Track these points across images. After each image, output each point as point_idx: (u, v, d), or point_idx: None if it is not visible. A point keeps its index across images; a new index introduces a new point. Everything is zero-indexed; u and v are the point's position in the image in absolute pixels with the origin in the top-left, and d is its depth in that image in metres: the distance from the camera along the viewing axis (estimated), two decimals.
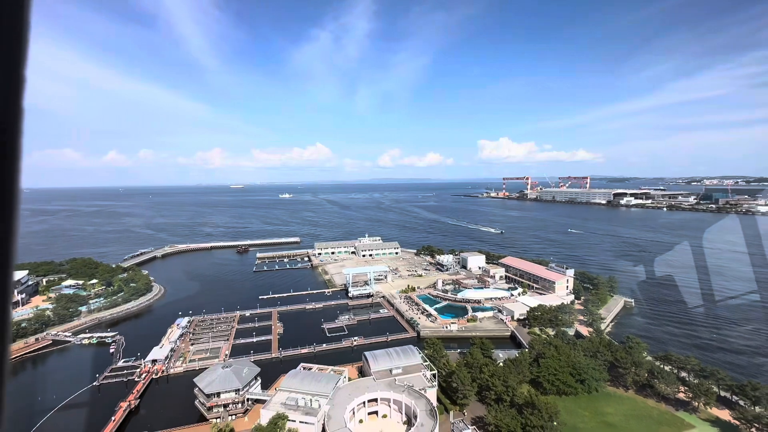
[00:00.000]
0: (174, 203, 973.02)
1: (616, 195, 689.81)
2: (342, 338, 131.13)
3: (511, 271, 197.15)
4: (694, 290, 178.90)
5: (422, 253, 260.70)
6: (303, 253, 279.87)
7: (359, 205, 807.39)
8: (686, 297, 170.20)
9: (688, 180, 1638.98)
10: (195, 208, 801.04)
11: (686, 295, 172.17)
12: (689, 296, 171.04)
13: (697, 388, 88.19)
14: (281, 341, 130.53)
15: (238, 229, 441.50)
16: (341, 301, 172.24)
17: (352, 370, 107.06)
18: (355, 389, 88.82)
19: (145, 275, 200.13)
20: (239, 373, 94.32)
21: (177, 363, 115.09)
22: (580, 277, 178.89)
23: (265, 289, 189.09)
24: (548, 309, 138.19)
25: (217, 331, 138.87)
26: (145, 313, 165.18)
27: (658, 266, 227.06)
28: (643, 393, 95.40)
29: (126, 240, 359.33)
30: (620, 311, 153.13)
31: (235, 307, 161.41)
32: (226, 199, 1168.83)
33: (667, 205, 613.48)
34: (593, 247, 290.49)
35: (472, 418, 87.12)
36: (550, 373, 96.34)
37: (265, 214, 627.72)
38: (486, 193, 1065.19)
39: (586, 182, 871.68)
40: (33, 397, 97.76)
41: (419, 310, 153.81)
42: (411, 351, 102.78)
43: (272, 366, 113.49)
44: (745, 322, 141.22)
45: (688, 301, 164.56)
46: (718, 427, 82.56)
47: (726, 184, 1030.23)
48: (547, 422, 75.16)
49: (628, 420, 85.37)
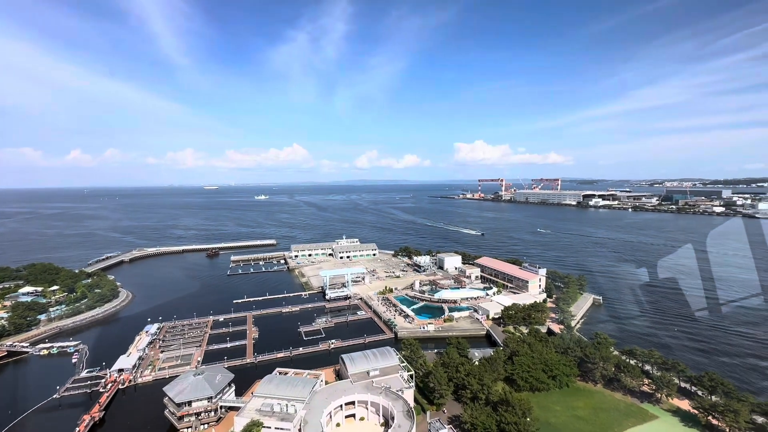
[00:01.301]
0: (143, 205, 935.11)
1: (586, 196, 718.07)
2: (319, 341, 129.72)
3: (487, 271, 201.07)
4: (657, 287, 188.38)
5: (400, 255, 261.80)
6: (279, 255, 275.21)
7: (337, 207, 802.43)
8: (649, 293, 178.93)
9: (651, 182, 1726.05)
10: (166, 210, 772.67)
11: (649, 292, 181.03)
12: (652, 292, 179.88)
13: (659, 380, 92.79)
14: (256, 346, 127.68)
15: (212, 231, 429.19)
16: (318, 303, 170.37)
17: (330, 373, 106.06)
18: (332, 392, 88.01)
19: (111, 280, 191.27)
20: (212, 380, 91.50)
21: (145, 372, 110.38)
22: (552, 276, 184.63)
23: (239, 292, 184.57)
24: (522, 308, 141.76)
25: (189, 338, 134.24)
26: (111, 321, 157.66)
27: (624, 264, 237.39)
28: (611, 387, 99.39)
29: (90, 244, 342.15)
30: (589, 308, 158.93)
31: (208, 312, 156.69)
32: (199, 200, 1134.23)
33: (632, 206, 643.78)
34: (565, 247, 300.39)
35: (449, 418, 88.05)
36: (524, 371, 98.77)
37: (240, 216, 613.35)
38: (462, 194, 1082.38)
39: (558, 184, 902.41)
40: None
41: (397, 311, 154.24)
42: (388, 352, 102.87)
43: (247, 372, 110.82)
44: (703, 316, 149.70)
45: (651, 297, 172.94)
46: (679, 417, 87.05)
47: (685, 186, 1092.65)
48: (520, 418, 76.93)
49: (596, 413, 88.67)
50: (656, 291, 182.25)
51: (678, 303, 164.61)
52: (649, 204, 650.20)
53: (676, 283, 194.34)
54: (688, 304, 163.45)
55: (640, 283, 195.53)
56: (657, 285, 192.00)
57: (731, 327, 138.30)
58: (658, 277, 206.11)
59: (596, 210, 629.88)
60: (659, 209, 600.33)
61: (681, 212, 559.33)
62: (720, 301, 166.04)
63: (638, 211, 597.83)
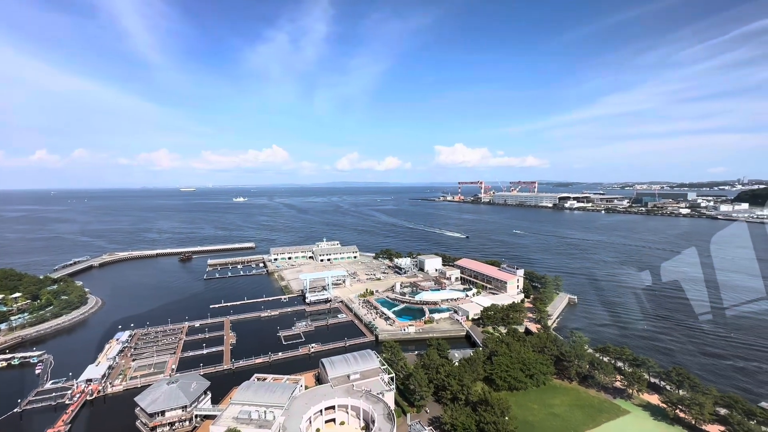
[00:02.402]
0: (114, 207, 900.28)
1: (561, 198, 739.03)
2: (299, 345, 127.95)
3: (466, 272, 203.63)
4: (628, 286, 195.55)
5: (381, 257, 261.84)
6: (258, 258, 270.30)
7: (317, 209, 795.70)
8: (621, 292, 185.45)
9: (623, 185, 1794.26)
10: (139, 212, 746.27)
11: (621, 291, 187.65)
12: (624, 291, 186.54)
13: (631, 376, 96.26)
14: (234, 352, 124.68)
15: (188, 234, 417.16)
16: (298, 307, 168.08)
17: (309, 378, 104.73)
18: (311, 397, 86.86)
19: (78, 286, 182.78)
20: (186, 389, 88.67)
21: (116, 381, 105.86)
22: (530, 277, 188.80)
23: (216, 297, 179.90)
24: (500, 308, 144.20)
25: (163, 345, 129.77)
26: (79, 329, 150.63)
27: (598, 265, 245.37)
28: (585, 384, 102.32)
29: (57, 248, 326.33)
30: (565, 308, 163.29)
31: (183, 317, 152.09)
32: (175, 202, 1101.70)
33: (605, 208, 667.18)
34: (541, 248, 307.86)
35: (429, 419, 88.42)
36: (502, 370, 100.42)
37: (217, 219, 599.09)
38: (443, 196, 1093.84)
39: (535, 187, 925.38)
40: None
41: (377, 314, 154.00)
42: (369, 355, 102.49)
43: (224, 378, 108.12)
44: (670, 313, 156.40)
45: (623, 296, 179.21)
46: (649, 411, 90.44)
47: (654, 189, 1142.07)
48: (499, 417, 78.06)
49: (572, 410, 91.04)
50: (628, 290, 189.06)
51: (648, 301, 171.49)
52: (621, 206, 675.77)
53: (646, 282, 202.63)
54: (656, 302, 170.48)
55: (612, 283, 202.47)
56: (628, 284, 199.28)
57: (696, 323, 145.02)
58: (630, 277, 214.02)
59: (571, 212, 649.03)
60: (630, 211, 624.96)
61: (650, 214, 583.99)
62: (686, 298, 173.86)
63: (611, 213, 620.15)
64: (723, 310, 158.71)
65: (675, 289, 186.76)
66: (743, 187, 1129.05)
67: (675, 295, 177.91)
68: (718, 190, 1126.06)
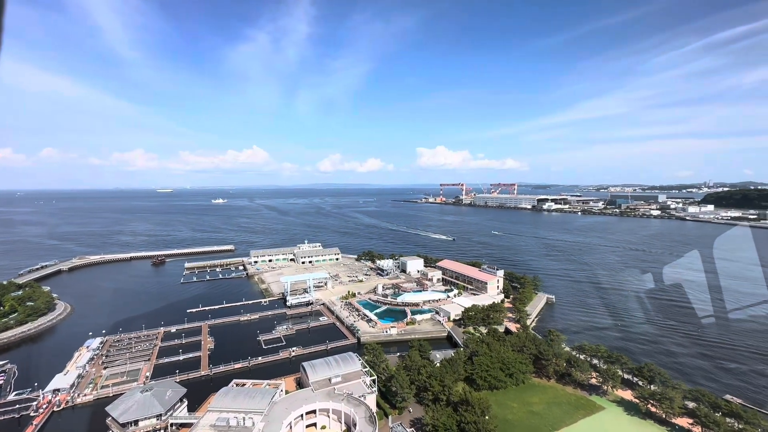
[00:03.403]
0: (85, 209, 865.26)
1: (540, 200, 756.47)
2: (279, 349, 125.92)
3: (448, 273, 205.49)
4: (603, 285, 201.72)
5: (363, 259, 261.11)
6: (237, 261, 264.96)
7: (299, 211, 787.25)
8: (597, 291, 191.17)
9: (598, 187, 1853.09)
10: (112, 214, 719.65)
11: (597, 290, 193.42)
12: (599, 290, 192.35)
13: (605, 373, 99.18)
14: (212, 357, 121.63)
15: (164, 237, 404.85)
16: (279, 310, 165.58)
17: (290, 382, 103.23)
18: (292, 402, 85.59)
19: (45, 292, 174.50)
20: (161, 397, 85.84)
21: (86, 391, 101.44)
22: (509, 277, 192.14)
23: (194, 301, 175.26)
24: (481, 308, 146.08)
25: (136, 351, 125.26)
26: (47, 336, 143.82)
27: (574, 265, 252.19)
28: (563, 381, 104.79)
29: (22, 252, 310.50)
30: (543, 307, 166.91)
31: (159, 323, 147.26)
32: (151, 204, 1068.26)
33: (581, 209, 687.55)
34: (521, 249, 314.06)
35: (411, 421, 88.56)
36: (483, 370, 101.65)
37: (195, 221, 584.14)
38: (425, 198, 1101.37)
39: (515, 189, 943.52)
40: None
41: (360, 316, 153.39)
42: (351, 358, 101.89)
43: (201, 385, 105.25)
44: (643, 311, 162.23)
45: (598, 295, 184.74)
46: (623, 407, 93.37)
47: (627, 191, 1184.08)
48: (479, 417, 78.92)
49: (550, 407, 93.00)
50: (603, 289, 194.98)
51: (622, 300, 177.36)
52: (596, 208, 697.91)
53: (620, 281, 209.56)
54: (630, 301, 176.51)
55: (588, 282, 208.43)
56: (604, 284, 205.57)
57: (667, 321, 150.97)
58: (605, 276, 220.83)
59: (549, 213, 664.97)
60: (605, 213, 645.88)
61: (623, 215, 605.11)
62: (658, 297, 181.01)
63: (587, 214, 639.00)
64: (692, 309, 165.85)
65: (648, 289, 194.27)
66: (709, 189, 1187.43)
67: (648, 294, 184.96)
68: (686, 193, 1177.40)
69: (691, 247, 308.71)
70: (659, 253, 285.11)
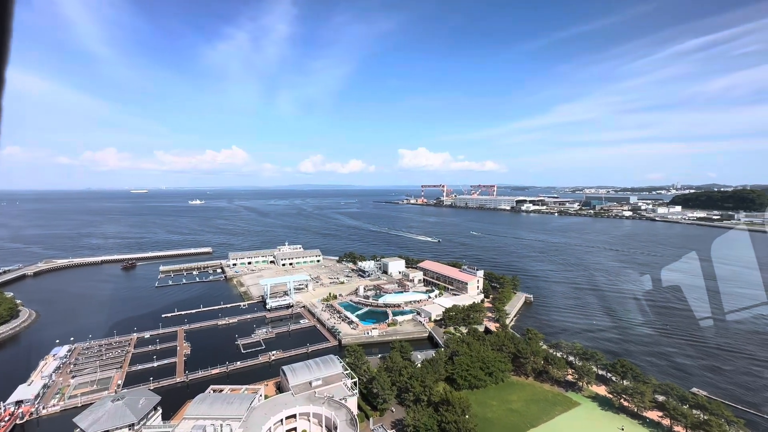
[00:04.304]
0: (52, 211, 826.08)
1: (518, 202, 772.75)
2: (258, 353, 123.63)
3: (429, 274, 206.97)
4: (579, 284, 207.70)
5: (344, 260, 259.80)
6: (215, 264, 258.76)
7: (279, 212, 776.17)
8: (573, 290, 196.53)
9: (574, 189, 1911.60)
10: (81, 216, 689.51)
11: (573, 288, 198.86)
12: (575, 289, 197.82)
13: (581, 369, 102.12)
14: (188, 363, 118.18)
15: (138, 239, 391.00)
16: (258, 314, 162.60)
17: (270, 387, 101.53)
18: (272, 407, 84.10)
19: (8, 298, 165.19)
20: (134, 405, 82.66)
21: (52, 402, 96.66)
22: (489, 278, 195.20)
23: (169, 306, 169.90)
24: (461, 309, 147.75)
25: (108, 359, 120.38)
26: (9, 345, 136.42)
27: (551, 265, 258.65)
28: (540, 379, 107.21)
29: None
30: (522, 306, 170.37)
31: (132, 328, 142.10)
32: (124, 205, 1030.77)
33: (558, 210, 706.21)
34: (500, 250, 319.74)
35: (392, 422, 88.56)
36: (463, 369, 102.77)
37: (171, 223, 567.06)
38: (406, 199, 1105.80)
39: (494, 190, 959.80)
40: None
41: (341, 318, 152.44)
42: (331, 361, 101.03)
43: (177, 392, 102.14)
44: (616, 308, 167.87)
45: (574, 294, 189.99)
46: (597, 402, 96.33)
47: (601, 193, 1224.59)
48: (460, 416, 79.72)
49: (528, 405, 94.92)
50: (579, 288, 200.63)
51: (596, 298, 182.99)
52: (572, 209, 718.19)
53: (595, 280, 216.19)
54: (604, 299, 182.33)
55: (565, 281, 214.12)
56: (579, 283, 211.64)
57: (638, 318, 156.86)
58: (581, 276, 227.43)
59: (528, 214, 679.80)
60: (580, 214, 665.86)
61: (598, 216, 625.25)
62: (630, 296, 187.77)
63: (563, 215, 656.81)
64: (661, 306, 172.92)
65: (622, 287, 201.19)
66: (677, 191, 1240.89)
67: (620, 293, 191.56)
68: (656, 194, 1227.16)
69: (661, 247, 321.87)
70: (632, 253, 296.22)
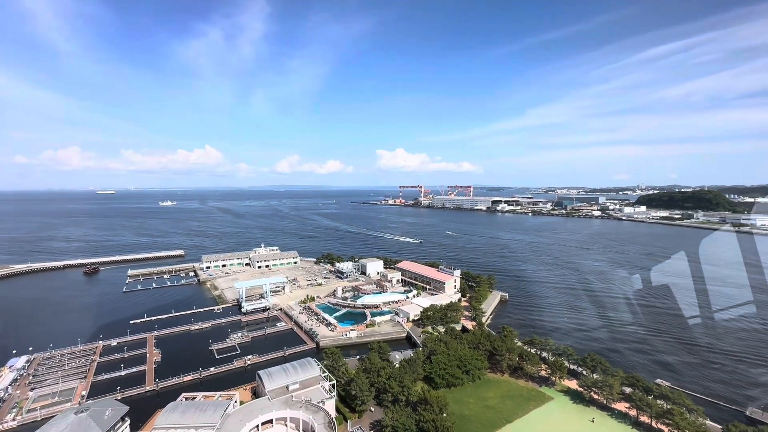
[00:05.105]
0: (9, 213, 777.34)
1: (494, 202, 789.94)
2: (234, 358, 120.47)
3: (407, 274, 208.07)
4: (552, 281, 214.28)
5: (322, 262, 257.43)
6: (188, 267, 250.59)
7: (255, 213, 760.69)
8: (546, 288, 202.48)
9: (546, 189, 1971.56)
10: (42, 218, 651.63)
11: (546, 287, 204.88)
12: (548, 287, 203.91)
13: (553, 365, 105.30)
14: (158, 371, 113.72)
15: (104, 243, 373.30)
16: (233, 317, 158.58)
17: (245, 393, 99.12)
18: (247, 413, 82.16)
19: None
20: (99, 417, 78.68)
21: (8, 417, 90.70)
22: (466, 277, 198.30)
23: (138, 311, 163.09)
24: (439, 308, 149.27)
25: (71, 369, 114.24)
26: None
27: (525, 263, 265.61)
28: (515, 375, 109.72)
29: None
30: (497, 305, 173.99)
31: (98, 336, 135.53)
32: (90, 207, 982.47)
33: (532, 211, 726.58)
34: (477, 249, 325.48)
35: (371, 423, 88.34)
36: (441, 368, 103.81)
37: (140, 225, 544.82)
38: (384, 200, 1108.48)
39: (470, 191, 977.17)
40: None
41: (319, 320, 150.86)
42: (309, 363, 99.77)
43: (147, 401, 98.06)
44: (587, 304, 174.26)
45: (547, 292, 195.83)
46: (569, 396, 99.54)
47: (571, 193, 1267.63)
48: (438, 415, 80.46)
49: (504, 401, 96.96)
50: (551, 286, 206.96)
51: (568, 296, 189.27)
52: (545, 209, 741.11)
53: (566, 277, 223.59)
54: (576, 296, 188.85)
55: (539, 280, 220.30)
56: (552, 280, 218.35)
57: (606, 313, 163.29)
58: (554, 274, 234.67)
59: (503, 214, 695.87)
60: (552, 213, 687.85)
61: (569, 216, 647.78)
62: (599, 292, 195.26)
63: (536, 215, 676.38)
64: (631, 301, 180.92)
65: (592, 284, 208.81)
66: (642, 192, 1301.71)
67: (591, 290, 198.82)
68: (622, 195, 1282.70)
69: (628, 245, 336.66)
70: (601, 251, 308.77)
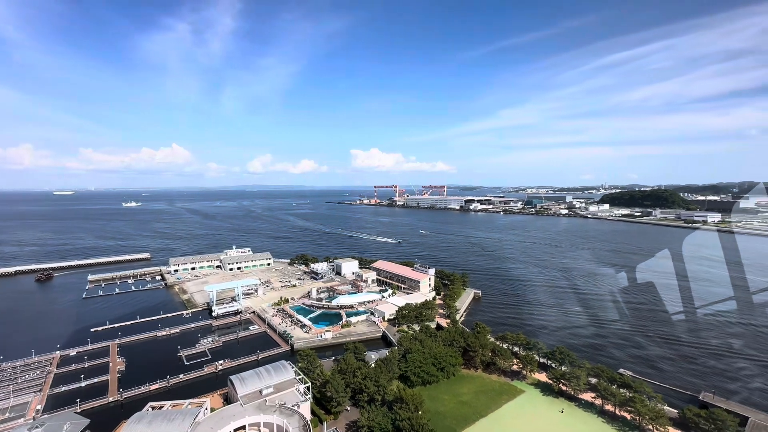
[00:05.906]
0: None
1: (467, 201, 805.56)
2: (204, 364, 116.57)
3: (382, 274, 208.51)
4: (522, 278, 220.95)
5: (296, 263, 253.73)
6: (154, 271, 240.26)
7: (226, 214, 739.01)
8: (517, 284, 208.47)
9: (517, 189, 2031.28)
10: None
11: (517, 283, 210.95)
12: (519, 284, 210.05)
13: (524, 359, 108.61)
14: (123, 380, 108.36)
15: (61, 246, 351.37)
16: (204, 322, 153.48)
17: (217, 399, 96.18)
18: (218, 420, 79.72)
19: None
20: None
21: None
22: (440, 275, 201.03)
23: (99, 319, 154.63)
24: (414, 307, 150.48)
25: (23, 382, 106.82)
26: None
27: (498, 261, 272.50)
28: (488, 370, 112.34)
29: None
30: (471, 302, 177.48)
31: (54, 346, 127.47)
32: (45, 209, 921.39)
33: (503, 209, 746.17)
34: (451, 248, 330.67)
35: (347, 424, 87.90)
36: (416, 366, 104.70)
37: (101, 227, 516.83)
38: (359, 200, 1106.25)
39: (444, 191, 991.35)
40: None
41: (293, 322, 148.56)
42: (283, 366, 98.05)
43: (110, 413, 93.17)
44: (556, 299, 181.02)
45: (518, 288, 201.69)
46: (540, 389, 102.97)
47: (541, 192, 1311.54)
48: (413, 413, 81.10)
49: (477, 396, 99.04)
50: (522, 282, 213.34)
51: (538, 291, 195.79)
52: (516, 208, 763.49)
53: (536, 273, 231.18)
54: (545, 291, 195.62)
55: (510, 276, 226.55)
56: (523, 277, 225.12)
57: (574, 308, 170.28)
58: (524, 270, 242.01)
59: (476, 213, 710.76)
60: (523, 212, 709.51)
61: (539, 214, 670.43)
62: (567, 287, 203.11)
63: (508, 214, 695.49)
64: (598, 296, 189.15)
65: (560, 281, 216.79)
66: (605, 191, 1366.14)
67: (559, 286, 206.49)
68: (588, 194, 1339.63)
69: (593, 241, 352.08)
70: (568, 247, 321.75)
